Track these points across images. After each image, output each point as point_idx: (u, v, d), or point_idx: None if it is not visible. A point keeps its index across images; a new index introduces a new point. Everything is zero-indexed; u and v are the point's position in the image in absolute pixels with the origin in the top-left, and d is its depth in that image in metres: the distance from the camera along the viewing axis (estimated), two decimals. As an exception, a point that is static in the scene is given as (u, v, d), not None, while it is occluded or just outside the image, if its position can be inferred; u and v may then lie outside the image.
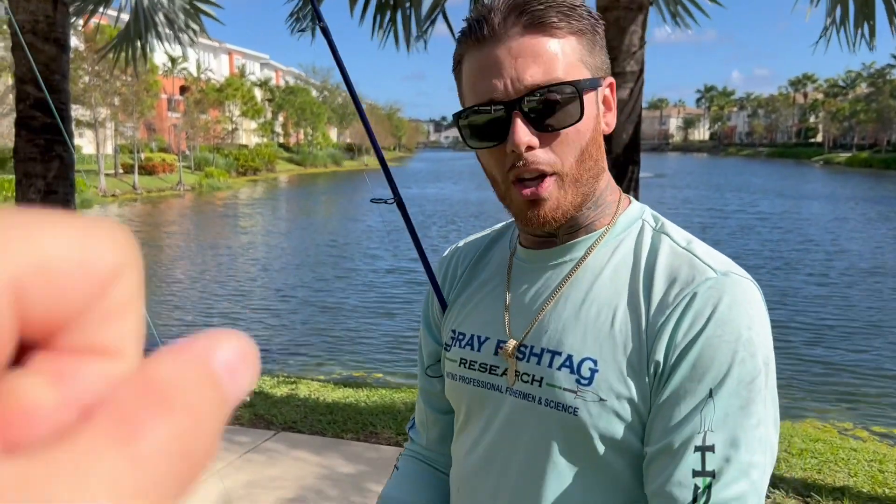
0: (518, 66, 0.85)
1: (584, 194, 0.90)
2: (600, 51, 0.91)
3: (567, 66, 0.86)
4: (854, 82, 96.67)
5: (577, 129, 0.87)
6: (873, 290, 12.76)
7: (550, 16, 0.85)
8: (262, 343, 9.37)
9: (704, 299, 0.84)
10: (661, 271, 0.88)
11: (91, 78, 30.98)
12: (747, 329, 0.83)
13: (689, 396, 0.82)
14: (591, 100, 0.88)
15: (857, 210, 27.67)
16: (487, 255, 1.09)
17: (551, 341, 0.90)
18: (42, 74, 6.65)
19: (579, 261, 0.93)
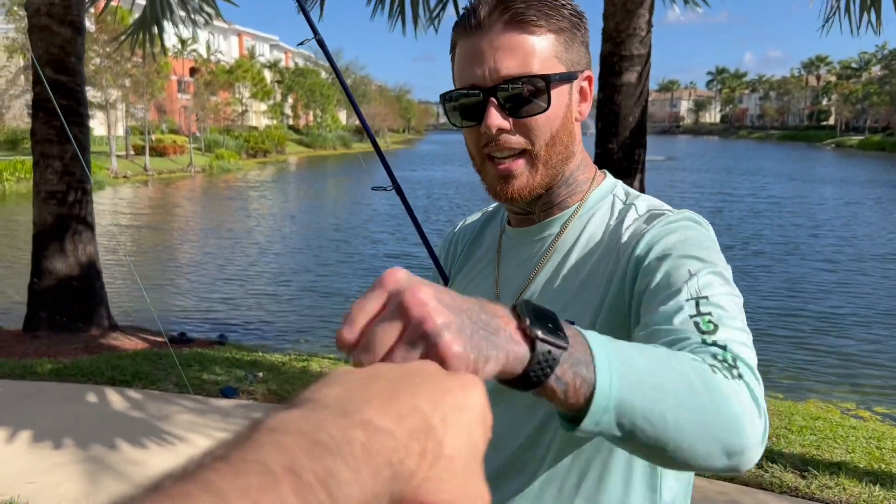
0: (496, 58, 0.96)
1: (553, 175, 1.02)
2: (579, 47, 1.01)
3: (541, 61, 0.96)
4: (867, 64, 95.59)
5: (547, 116, 0.97)
6: (886, 276, 12.78)
7: (530, 14, 0.95)
8: (275, 321, 9.51)
9: (659, 226, 0.95)
10: (626, 233, 0.99)
11: (102, 60, 31.05)
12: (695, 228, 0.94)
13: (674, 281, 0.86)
14: (562, 92, 0.99)
15: (872, 194, 27.48)
16: (482, 235, 1.21)
17: None
18: (58, 57, 6.76)
19: (556, 236, 1.05)
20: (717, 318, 0.80)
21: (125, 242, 16.23)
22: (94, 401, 4.93)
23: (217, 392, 5.08)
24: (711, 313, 0.81)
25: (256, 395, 5.03)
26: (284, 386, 5.15)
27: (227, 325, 9.22)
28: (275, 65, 67.54)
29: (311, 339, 8.67)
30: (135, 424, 4.50)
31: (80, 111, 6.97)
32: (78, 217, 6.96)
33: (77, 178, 6.93)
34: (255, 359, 6.18)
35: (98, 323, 7.09)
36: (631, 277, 0.93)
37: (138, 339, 7.14)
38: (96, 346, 6.59)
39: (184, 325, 8.83)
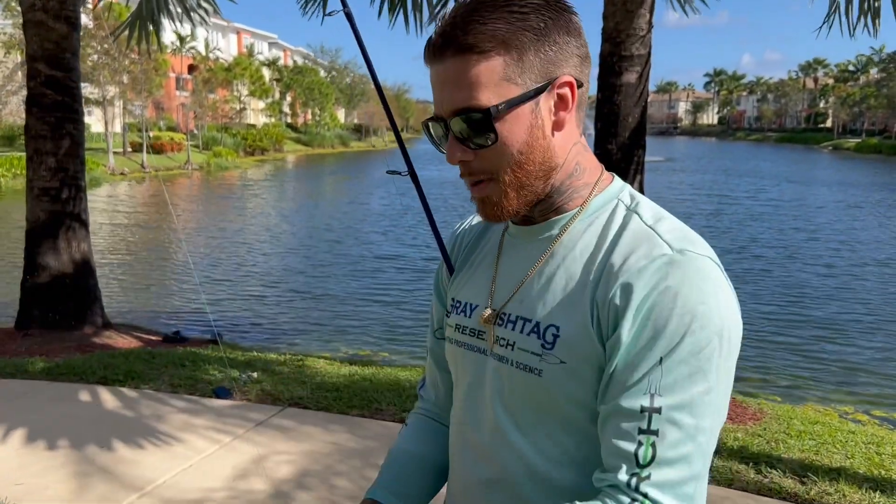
0: (444, 91, 0.95)
1: (533, 193, 0.99)
2: (546, 55, 0.93)
3: (488, 89, 0.92)
4: (865, 67, 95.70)
5: (501, 143, 0.94)
6: (884, 280, 12.76)
7: (469, 42, 0.91)
8: (269, 321, 9.46)
9: (658, 275, 0.89)
10: (622, 247, 0.94)
11: (100, 56, 30.95)
12: (700, 304, 0.87)
13: (641, 363, 0.88)
14: (519, 114, 0.94)
15: (871, 198, 27.47)
16: (487, 231, 1.19)
17: (525, 310, 1.01)
18: (53, 52, 6.70)
19: (555, 238, 1.02)
20: (663, 445, 0.86)
21: (120, 240, 16.16)
22: (87, 400, 4.88)
23: (210, 392, 5.03)
24: (659, 435, 0.86)
25: (250, 395, 4.98)
26: (279, 386, 5.10)
27: (221, 324, 9.16)
28: (273, 63, 67.43)
29: (306, 339, 8.63)
30: (127, 424, 4.45)
31: (76, 107, 6.91)
32: (72, 214, 6.91)
33: (71, 174, 6.88)
34: (250, 358, 6.13)
35: (91, 321, 7.03)
36: (610, 325, 0.91)
37: (132, 337, 7.08)
38: (89, 345, 6.53)
39: (178, 324, 8.77)
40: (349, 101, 76.20)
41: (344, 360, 6.78)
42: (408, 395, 4.92)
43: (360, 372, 5.67)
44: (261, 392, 5.02)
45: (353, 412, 4.68)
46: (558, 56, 0.94)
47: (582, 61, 0.97)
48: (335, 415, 4.65)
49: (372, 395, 4.93)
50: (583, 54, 0.97)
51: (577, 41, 0.96)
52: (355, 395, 4.93)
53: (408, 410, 4.64)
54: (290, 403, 4.82)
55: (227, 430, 4.36)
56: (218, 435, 4.27)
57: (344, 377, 5.46)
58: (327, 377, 5.45)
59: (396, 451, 1.27)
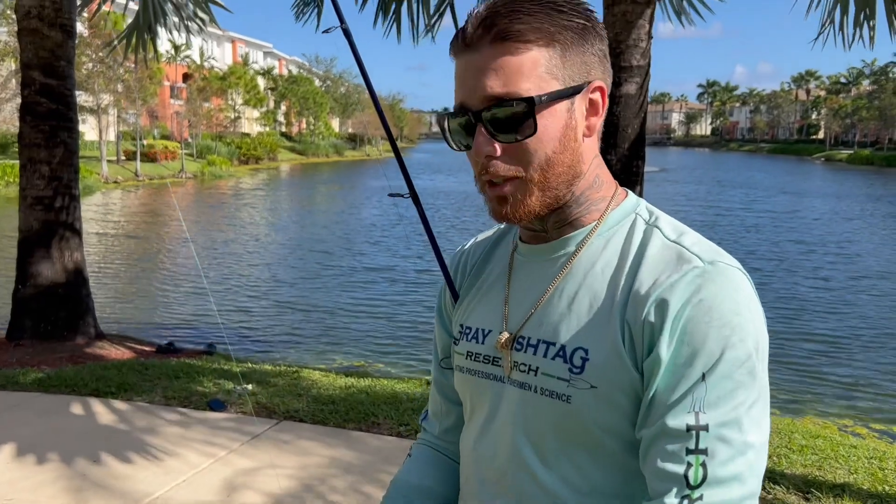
0: (481, 78, 0.89)
1: (556, 197, 0.95)
2: (584, 57, 0.92)
3: (529, 80, 0.88)
4: (856, 79, 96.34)
5: (538, 139, 0.90)
6: (882, 292, 12.76)
7: (516, 28, 0.88)
8: (264, 332, 9.39)
9: (690, 287, 0.86)
10: (649, 263, 0.90)
11: (95, 64, 30.90)
12: (735, 315, 0.85)
13: (682, 380, 0.84)
14: (556, 111, 0.90)
15: (867, 209, 27.56)
16: (494, 252, 1.13)
17: (546, 332, 0.95)
18: (48, 60, 6.65)
19: (572, 255, 0.97)
20: (713, 464, 0.82)
21: (113, 249, 16.07)
22: (78, 413, 4.80)
23: (205, 405, 4.95)
24: (708, 454, 0.83)
25: (245, 408, 4.90)
26: (274, 399, 5.03)
27: (215, 334, 9.08)
28: (268, 72, 67.50)
29: (301, 350, 8.55)
30: (120, 438, 4.37)
31: (70, 115, 6.86)
32: (65, 223, 6.84)
33: (65, 183, 6.81)
34: (244, 370, 6.06)
35: (84, 331, 6.95)
36: (646, 345, 0.87)
37: (125, 348, 7.00)
38: (81, 356, 6.45)
39: (172, 335, 8.69)
40: (344, 111, 76.31)
41: (340, 371, 6.71)
42: (405, 409, 4.86)
43: (357, 384, 5.60)
44: (256, 405, 4.95)
45: (349, 426, 4.61)
46: (593, 60, 0.93)
47: (606, 71, 0.95)
48: (332, 428, 4.58)
49: (369, 409, 4.86)
50: (608, 65, 0.95)
51: (606, 51, 0.95)
52: (352, 409, 4.86)
53: (405, 425, 4.57)
54: (285, 417, 4.75)
55: (221, 443, 4.29)
56: (212, 449, 4.20)
57: (340, 389, 5.40)
58: (323, 390, 5.38)
59: (400, 483, 1.20)
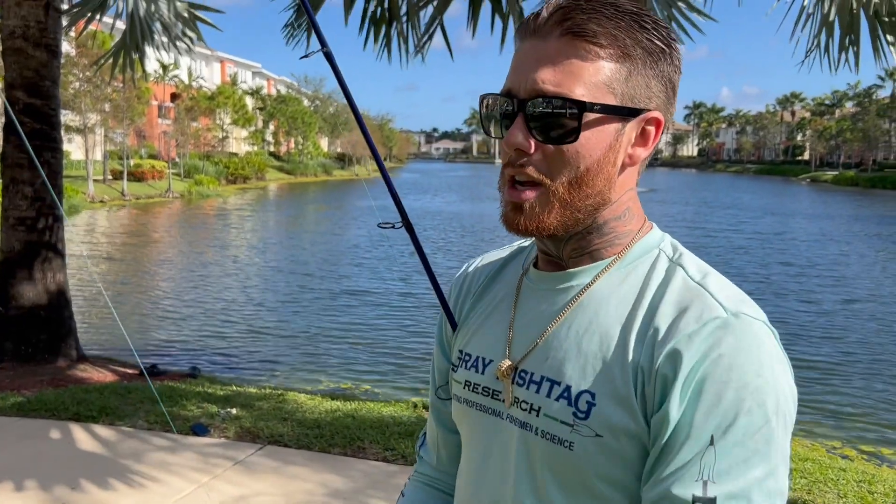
0: (537, 69, 0.83)
1: (576, 220, 0.87)
2: (649, 81, 0.85)
3: (587, 86, 0.82)
4: (840, 101, 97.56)
5: (576, 149, 0.83)
6: (872, 315, 12.82)
7: (591, 27, 0.82)
8: (249, 355, 9.30)
9: (710, 340, 0.79)
10: (668, 305, 0.83)
11: (82, 84, 30.84)
12: (756, 376, 0.78)
13: (690, 442, 0.78)
14: (605, 128, 0.84)
15: (853, 230, 27.73)
16: (501, 275, 1.06)
17: (551, 369, 0.88)
18: (32, 80, 6.61)
19: (586, 286, 0.90)
20: None
21: (98, 270, 15.93)
22: (58, 438, 4.71)
23: (188, 429, 4.88)
24: None
25: (229, 432, 4.83)
26: (258, 423, 4.96)
27: (200, 356, 8.98)
28: (257, 92, 67.62)
29: (286, 372, 8.47)
30: (101, 463, 4.29)
31: (54, 135, 6.80)
32: (48, 244, 6.76)
33: (48, 203, 6.74)
34: (228, 393, 5.98)
35: (66, 354, 6.85)
36: (657, 398, 0.81)
37: (108, 371, 6.90)
38: (63, 379, 6.35)
39: (156, 357, 8.58)
40: (332, 130, 76.46)
41: (325, 394, 6.64)
42: (392, 434, 4.79)
43: (343, 408, 5.54)
44: (240, 429, 4.87)
45: (335, 450, 4.55)
46: (657, 90, 0.86)
47: (669, 106, 0.89)
48: (317, 453, 4.52)
49: (355, 433, 4.79)
50: (673, 100, 0.89)
51: (676, 85, 0.89)
52: (337, 433, 4.79)
53: (391, 449, 4.51)
54: (269, 441, 4.68)
55: (204, 468, 4.22)
56: (195, 474, 4.13)
57: (325, 413, 5.33)
58: (308, 413, 5.31)
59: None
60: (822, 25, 5.26)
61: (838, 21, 5.27)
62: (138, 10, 7.38)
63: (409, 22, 6.77)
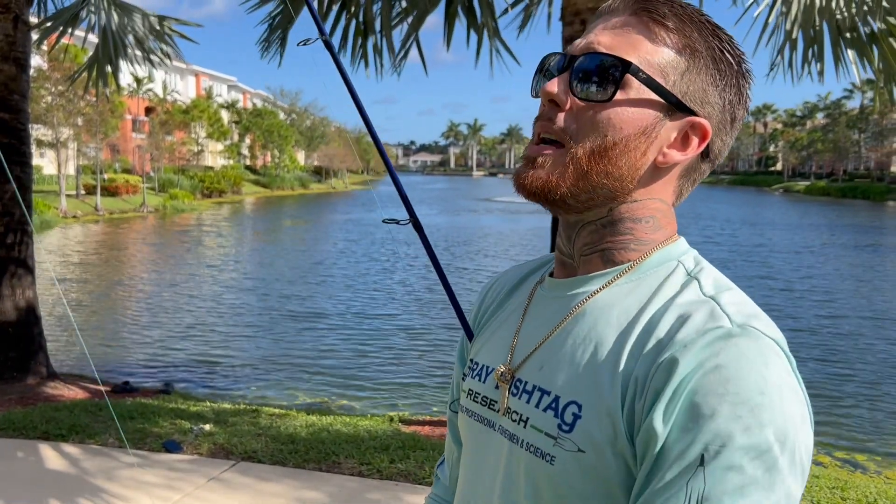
0: (598, 34, 0.83)
1: (587, 196, 0.83)
2: (705, 85, 0.81)
3: (641, 58, 0.80)
4: (811, 113, 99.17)
5: (608, 115, 0.80)
6: (857, 326, 12.98)
7: (662, 10, 0.81)
8: (222, 370, 9.20)
9: (707, 351, 0.71)
10: (670, 315, 0.77)
11: (54, 97, 30.51)
12: (759, 393, 0.69)
13: (676, 463, 0.69)
14: (640, 103, 0.81)
15: (834, 240, 28.07)
16: (522, 284, 1.02)
17: (543, 378, 0.84)
18: (1, 94, 6.52)
19: (591, 294, 0.84)
20: None
21: (69, 285, 15.71)
22: (25, 457, 4.62)
23: (160, 446, 4.81)
24: None
25: (202, 449, 4.77)
26: (232, 439, 4.90)
27: (173, 372, 8.87)
28: (232, 105, 67.36)
29: (260, 387, 8.38)
30: (70, 483, 4.21)
31: (23, 150, 6.71)
32: (17, 260, 6.65)
33: (17, 219, 6.64)
34: (201, 410, 5.91)
35: (35, 371, 6.73)
36: (644, 412, 0.73)
37: (78, 388, 6.79)
38: (32, 396, 6.23)
39: (128, 373, 8.47)
40: (309, 144, 76.28)
41: (301, 408, 6.58)
42: (367, 448, 4.76)
43: (318, 422, 5.49)
44: (213, 445, 4.81)
45: (309, 466, 4.50)
46: (714, 102, 0.82)
47: (725, 129, 0.84)
48: (291, 469, 4.47)
49: (330, 448, 4.75)
50: (730, 130, 0.85)
51: (734, 112, 0.84)
52: (312, 448, 4.75)
53: (367, 464, 4.48)
54: (243, 457, 4.63)
55: (176, 486, 4.16)
56: (167, 492, 4.07)
57: (300, 428, 5.28)
58: (283, 428, 5.26)
59: None
60: (786, 40, 5.35)
61: (801, 35, 5.37)
62: (111, 24, 7.33)
63: (385, 37, 6.79)
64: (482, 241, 26.37)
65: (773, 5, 5.21)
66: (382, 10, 6.61)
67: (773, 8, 5.21)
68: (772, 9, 5.23)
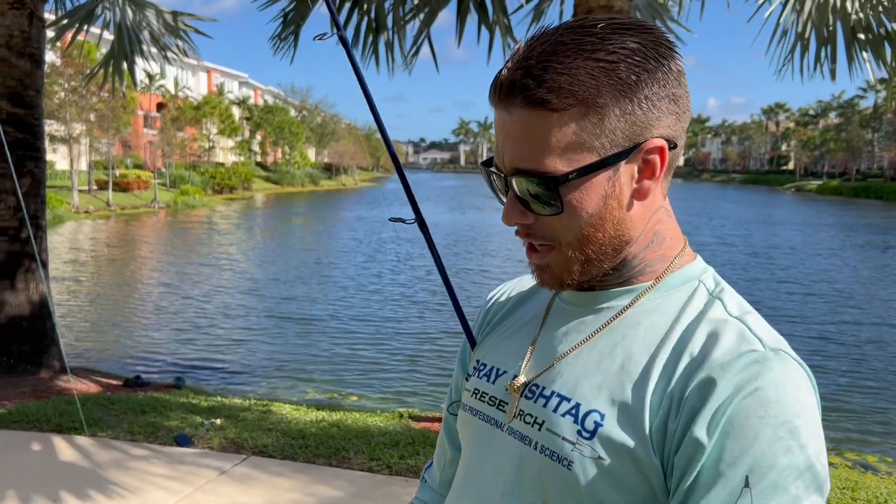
0: (509, 145, 0.82)
1: (600, 268, 0.86)
2: (631, 116, 0.79)
3: (557, 154, 0.79)
4: (824, 112, 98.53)
5: (568, 217, 0.82)
6: (858, 320, 12.90)
7: (542, 96, 0.77)
8: (232, 365, 9.25)
9: (746, 373, 0.74)
10: (702, 334, 0.79)
11: (67, 93, 30.68)
12: (797, 416, 0.72)
13: (722, 482, 0.71)
14: (588, 185, 0.80)
15: (850, 241, 27.88)
16: (535, 295, 1.03)
17: (565, 385, 0.85)
18: (16, 90, 6.57)
19: (620, 311, 0.86)
20: None
21: (80, 280, 15.82)
22: (40, 450, 4.66)
23: (171, 440, 4.84)
24: None
25: (213, 443, 4.80)
26: (243, 434, 4.93)
27: (184, 366, 8.92)
28: (243, 102, 67.51)
29: (271, 382, 8.42)
30: (82, 475, 4.25)
31: (37, 145, 6.77)
32: (31, 254, 6.71)
33: (31, 214, 6.69)
34: (213, 404, 5.94)
35: (48, 365, 6.79)
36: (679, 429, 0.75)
37: (91, 382, 6.84)
38: (45, 390, 6.29)
39: (140, 367, 8.52)
40: (319, 140, 76.41)
41: (311, 404, 6.61)
42: (377, 443, 4.78)
43: (328, 418, 5.52)
44: (224, 440, 4.84)
45: (319, 461, 4.53)
46: (649, 115, 0.80)
47: (678, 117, 0.82)
48: (301, 463, 4.49)
49: (340, 444, 4.78)
50: (681, 109, 0.82)
51: (674, 93, 0.81)
52: (322, 444, 4.77)
53: (377, 459, 4.50)
54: (253, 452, 4.66)
55: (188, 480, 4.19)
56: (178, 486, 4.10)
57: (310, 423, 5.31)
58: (293, 423, 5.29)
59: None
60: (797, 40, 5.33)
61: (815, 35, 5.35)
62: (126, 20, 7.38)
63: (396, 34, 6.81)
64: (486, 242, 26.34)
65: (786, 4, 5.19)
66: (394, 7, 6.63)
67: (786, 7, 5.19)
68: (784, 8, 5.21)
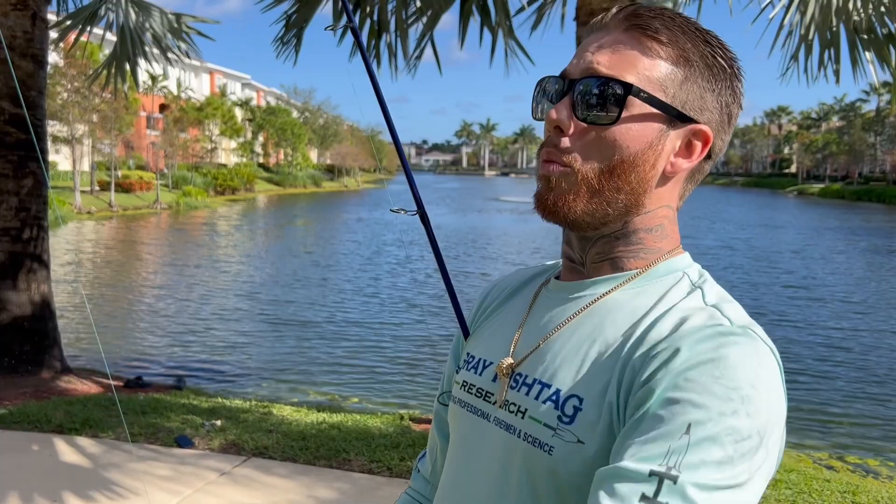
0: (595, 53, 0.85)
1: (605, 214, 0.86)
2: (704, 94, 0.85)
3: (641, 75, 0.83)
4: (827, 115, 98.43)
5: (613, 136, 0.83)
6: (861, 325, 12.89)
7: (655, 25, 0.83)
8: (233, 366, 9.25)
9: (711, 342, 0.74)
10: (673, 317, 0.80)
11: (70, 94, 30.73)
12: (752, 387, 0.72)
13: (663, 425, 0.71)
14: (649, 122, 0.83)
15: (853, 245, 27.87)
16: (527, 286, 1.04)
17: (546, 373, 0.86)
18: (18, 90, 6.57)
19: (600, 296, 0.88)
20: None
21: (82, 281, 15.83)
22: (40, 450, 4.67)
23: (172, 441, 4.84)
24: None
25: (214, 444, 4.80)
26: (243, 435, 4.93)
27: (185, 367, 8.93)
28: (246, 103, 67.56)
29: (271, 384, 8.42)
30: (83, 476, 4.25)
31: (40, 146, 6.77)
32: (33, 255, 6.72)
33: (33, 214, 6.71)
34: (214, 405, 5.94)
35: (49, 365, 6.79)
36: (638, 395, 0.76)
37: (92, 382, 6.85)
38: (46, 390, 6.29)
39: (141, 369, 8.52)
40: (322, 142, 76.44)
41: (312, 405, 6.61)
42: (377, 445, 4.78)
43: (328, 419, 5.51)
44: (224, 441, 4.84)
45: (320, 463, 4.52)
46: (713, 106, 0.86)
47: (723, 132, 0.88)
48: (301, 465, 4.49)
49: (340, 445, 4.77)
50: (726, 129, 0.88)
51: (730, 114, 0.88)
52: (322, 445, 4.77)
53: (377, 461, 4.50)
54: (254, 453, 4.66)
55: (188, 481, 4.19)
56: (179, 487, 4.10)
57: (311, 425, 5.31)
58: (294, 425, 5.29)
59: None
60: (801, 42, 5.31)
61: (818, 37, 5.33)
62: (129, 21, 7.38)
63: (399, 36, 6.81)
64: (486, 245, 26.33)
65: (790, 6, 5.18)
66: (397, 10, 6.62)
67: (790, 9, 5.18)
68: (787, 9, 5.20)
